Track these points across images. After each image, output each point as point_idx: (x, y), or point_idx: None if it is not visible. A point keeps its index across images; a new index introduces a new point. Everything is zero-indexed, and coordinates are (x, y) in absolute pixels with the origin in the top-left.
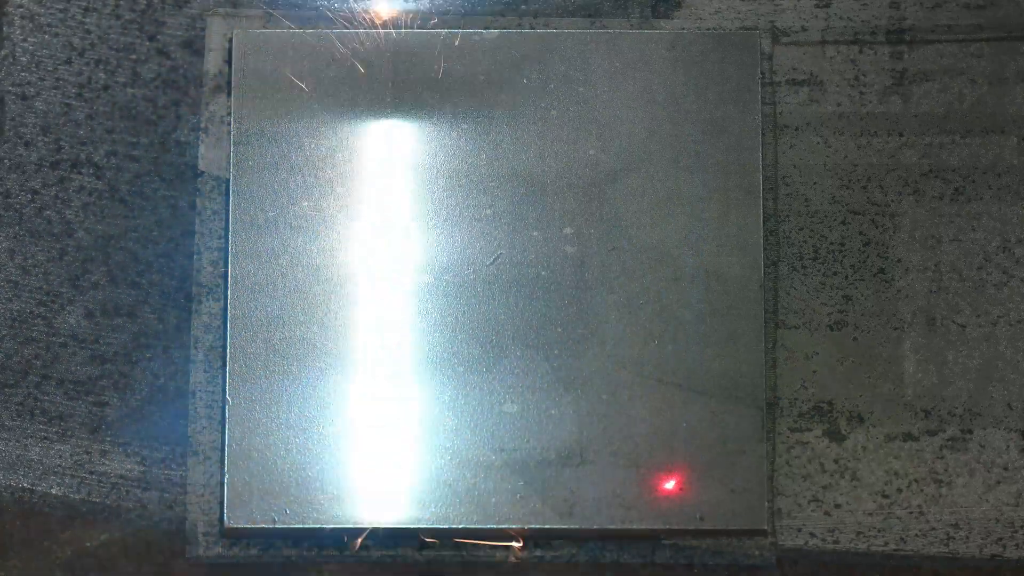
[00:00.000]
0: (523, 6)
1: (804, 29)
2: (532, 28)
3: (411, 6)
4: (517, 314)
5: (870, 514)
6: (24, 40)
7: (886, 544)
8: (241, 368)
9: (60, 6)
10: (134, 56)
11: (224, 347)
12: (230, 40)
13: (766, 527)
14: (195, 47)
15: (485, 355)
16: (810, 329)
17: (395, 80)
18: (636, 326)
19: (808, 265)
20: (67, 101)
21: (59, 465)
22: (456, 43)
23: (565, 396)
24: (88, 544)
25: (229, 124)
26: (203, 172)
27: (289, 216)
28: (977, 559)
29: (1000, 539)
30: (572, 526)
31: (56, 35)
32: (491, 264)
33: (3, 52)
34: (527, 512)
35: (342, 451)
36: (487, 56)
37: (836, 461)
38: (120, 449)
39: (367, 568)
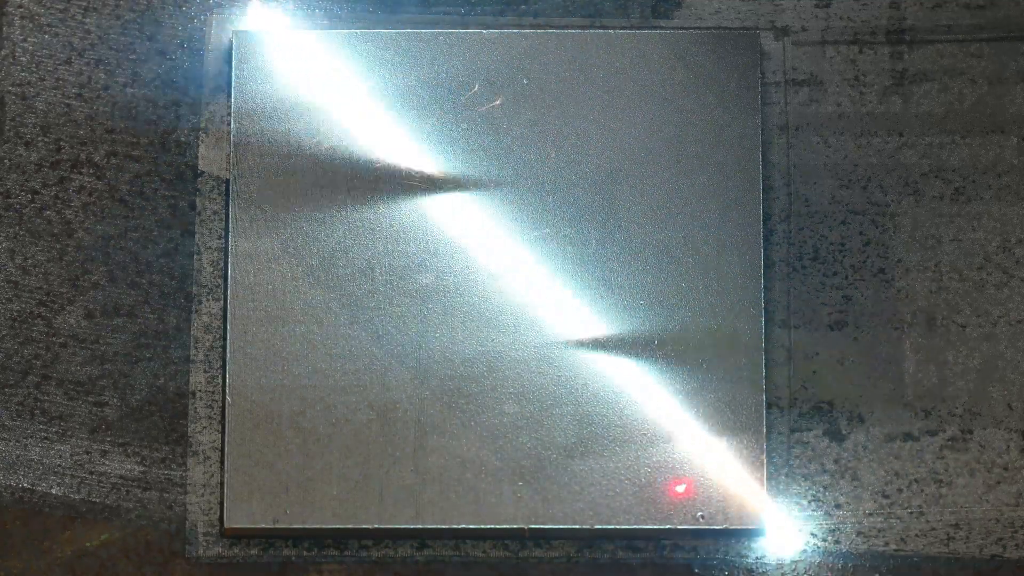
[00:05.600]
0: (523, 6)
1: (804, 29)
2: (532, 28)
3: (411, 5)
4: (517, 314)
5: (870, 514)
6: (24, 40)
7: (886, 544)
8: (241, 367)
9: (60, 6)
10: (134, 56)
11: (224, 347)
12: (230, 40)
13: (766, 527)
14: (195, 47)
15: (485, 355)
16: (810, 329)
17: (395, 80)
18: (636, 325)
19: (808, 265)
20: (67, 101)
21: (59, 465)
22: (456, 43)
23: (565, 396)
24: (88, 544)
25: (229, 124)
26: (203, 172)
27: (289, 216)
28: (977, 559)
29: (1000, 539)
30: (572, 526)
31: (56, 35)
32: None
33: (3, 52)
34: (527, 512)
35: (342, 451)
36: (487, 56)
37: (836, 461)
38: (120, 449)
39: (367, 568)
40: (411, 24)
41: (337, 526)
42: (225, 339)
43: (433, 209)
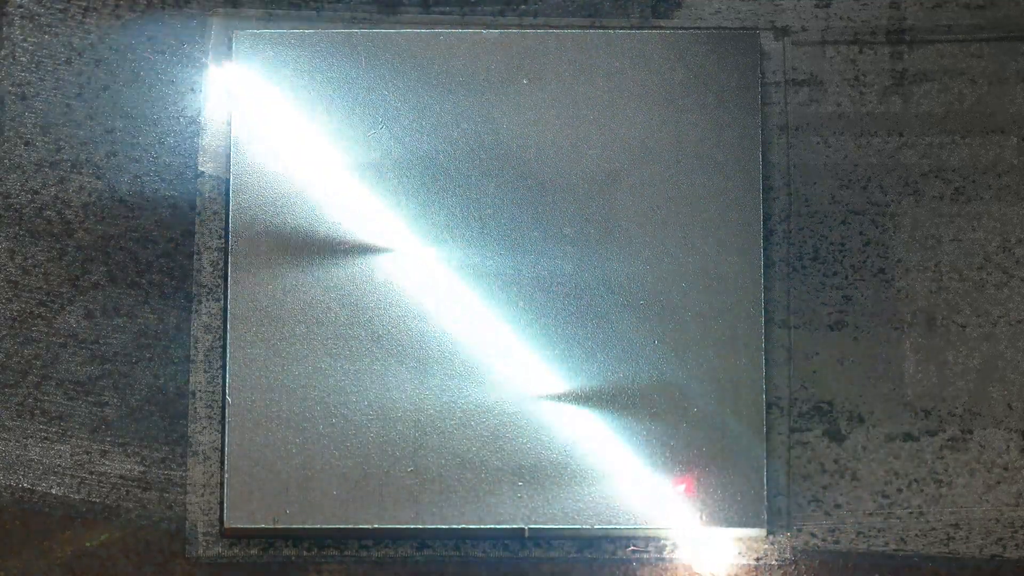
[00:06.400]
0: (523, 6)
1: (804, 29)
2: (532, 28)
3: (411, 5)
4: (517, 314)
5: (870, 514)
6: (24, 40)
7: (886, 544)
8: (241, 368)
9: (60, 6)
10: (134, 56)
11: (224, 347)
12: (230, 40)
13: (766, 527)
14: (195, 47)
15: (485, 355)
16: (810, 329)
17: (395, 80)
18: (636, 326)
19: (808, 265)
20: (67, 101)
21: (59, 465)
22: (456, 43)
23: (565, 396)
24: (88, 544)
25: (229, 124)
26: (203, 172)
27: (289, 216)
28: (977, 559)
29: (1000, 539)
30: (572, 526)
31: (56, 35)
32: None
33: (3, 52)
34: (527, 512)
35: (342, 451)
36: (487, 56)
37: (836, 461)
38: (120, 449)
39: (367, 568)
40: (411, 24)
41: (337, 526)
42: (225, 339)
43: (433, 210)
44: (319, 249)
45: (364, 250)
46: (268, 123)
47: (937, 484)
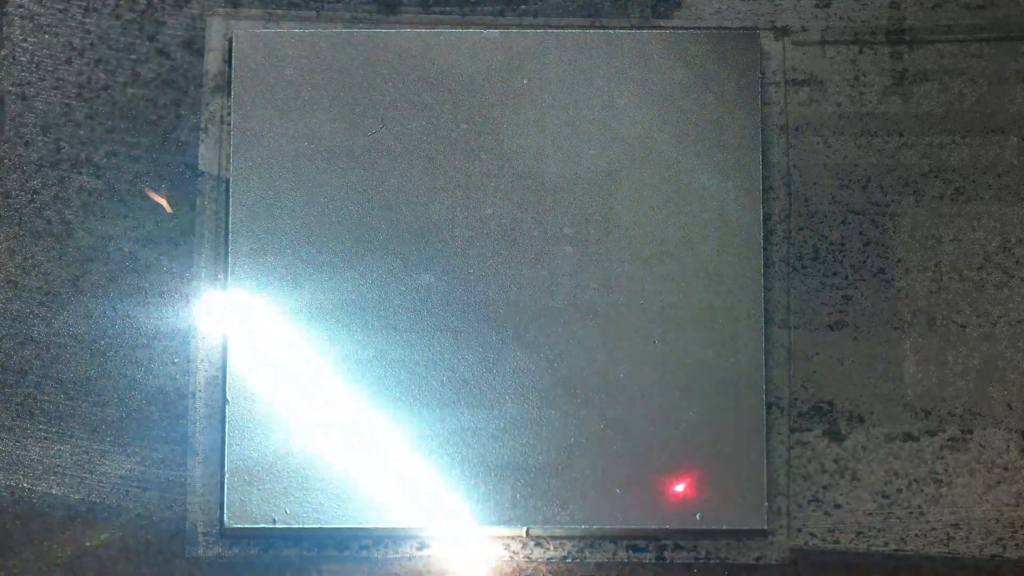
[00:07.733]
0: (523, 6)
1: (804, 29)
2: (532, 28)
3: (411, 5)
4: (517, 314)
5: (870, 514)
6: (24, 40)
7: (886, 544)
8: (241, 368)
9: (60, 6)
10: (134, 56)
11: (224, 347)
12: (230, 40)
13: (765, 527)
14: (195, 47)
15: (485, 355)
16: (810, 329)
17: (395, 80)
18: (636, 326)
19: (808, 265)
20: (67, 101)
21: (59, 465)
22: (456, 43)
23: (565, 396)
24: (88, 544)
25: (229, 124)
26: (203, 172)
27: (289, 216)
28: (977, 559)
29: (1000, 539)
30: (572, 526)
31: (56, 35)
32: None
33: (3, 52)
34: (527, 512)
35: (342, 451)
36: (487, 56)
37: (836, 461)
38: (120, 449)
39: (367, 568)
40: (411, 24)
41: (337, 526)
42: (225, 339)
43: (433, 210)
44: (319, 248)
45: (365, 249)
46: (268, 123)
47: (937, 484)
